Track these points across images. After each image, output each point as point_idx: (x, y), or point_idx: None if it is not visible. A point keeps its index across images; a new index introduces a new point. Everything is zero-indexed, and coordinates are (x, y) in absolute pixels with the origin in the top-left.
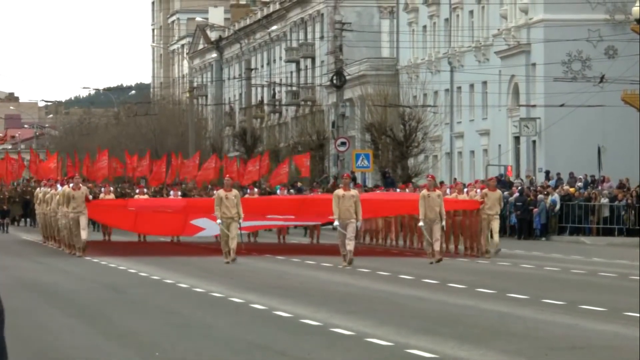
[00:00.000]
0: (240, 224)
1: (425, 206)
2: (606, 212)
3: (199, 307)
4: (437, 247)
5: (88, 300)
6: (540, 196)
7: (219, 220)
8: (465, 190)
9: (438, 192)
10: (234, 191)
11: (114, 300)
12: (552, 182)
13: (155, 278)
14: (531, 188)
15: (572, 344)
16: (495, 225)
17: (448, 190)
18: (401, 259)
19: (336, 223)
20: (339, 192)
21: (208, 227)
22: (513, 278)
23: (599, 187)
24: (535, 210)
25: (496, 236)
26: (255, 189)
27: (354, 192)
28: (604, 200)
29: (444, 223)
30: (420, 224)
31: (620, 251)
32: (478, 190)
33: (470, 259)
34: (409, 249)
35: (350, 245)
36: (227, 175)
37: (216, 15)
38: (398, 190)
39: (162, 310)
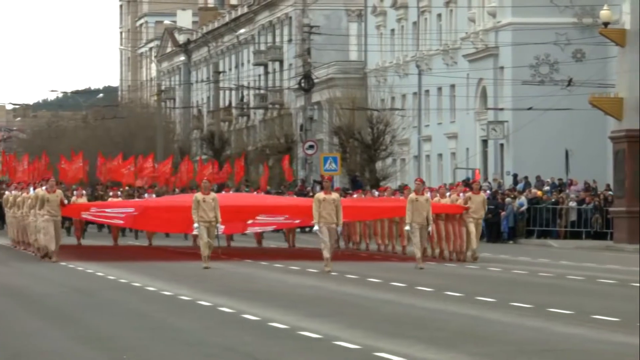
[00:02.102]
0: (218, 229)
1: (412, 210)
2: (574, 216)
3: (168, 310)
4: (418, 253)
5: (58, 303)
6: (507, 199)
7: (195, 224)
8: (448, 193)
9: (426, 196)
10: (212, 194)
11: (84, 303)
12: (519, 186)
13: (124, 281)
14: (499, 191)
15: (540, 346)
16: (479, 229)
17: (429, 194)
18: (370, 262)
19: (316, 227)
20: (320, 195)
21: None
22: (481, 281)
23: (567, 191)
24: (503, 213)
25: (474, 239)
26: (231, 191)
27: (335, 195)
28: (572, 204)
29: (430, 228)
30: (407, 227)
31: (587, 254)
32: (461, 194)
33: (456, 264)
34: (388, 253)
35: (327, 252)
36: (205, 178)
37: (184, 19)
38: (376, 193)
39: (131, 314)
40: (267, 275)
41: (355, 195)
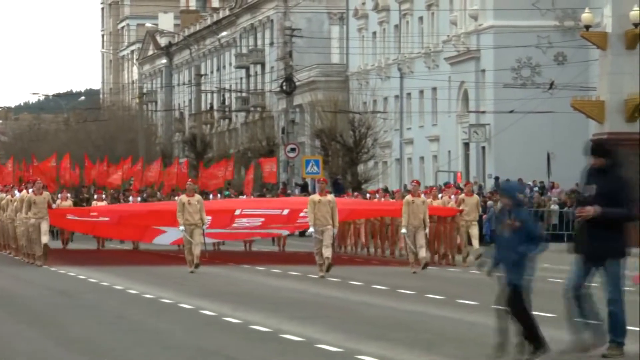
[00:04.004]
0: (204, 230)
1: (408, 212)
2: (555, 219)
3: (149, 313)
4: (422, 253)
5: (39, 306)
6: (489, 202)
7: (181, 227)
8: (440, 195)
9: (422, 198)
10: (197, 196)
11: (65, 306)
12: None
13: (105, 284)
14: (481, 194)
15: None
16: (475, 231)
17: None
18: (352, 266)
19: (311, 230)
20: (315, 197)
21: (169, 231)
22: (462, 284)
23: (548, 194)
24: (485, 216)
25: (476, 242)
26: (219, 195)
27: (330, 197)
28: (554, 207)
29: (427, 230)
30: (403, 230)
31: (569, 257)
32: (452, 196)
33: (446, 267)
34: (386, 258)
35: (327, 252)
36: (190, 180)
37: (166, 21)
38: (368, 195)
39: (112, 316)
40: (249, 278)
41: (345, 197)
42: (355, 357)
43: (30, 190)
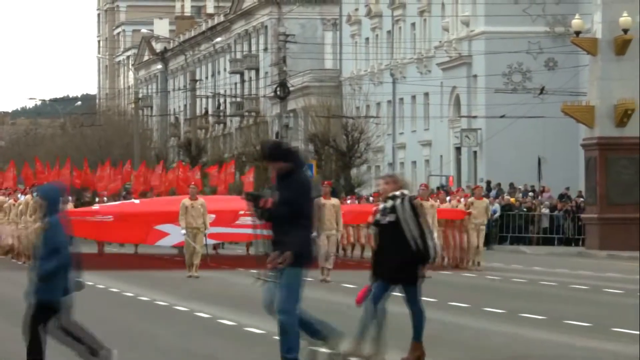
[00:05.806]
0: (205, 234)
1: None
2: (546, 223)
3: (144, 315)
4: None
5: None
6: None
7: (183, 231)
8: (448, 198)
9: (431, 202)
10: (200, 200)
11: None
12: (492, 192)
13: (101, 287)
14: None
15: (512, 352)
16: (482, 234)
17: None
18: (345, 270)
19: (314, 234)
20: (319, 201)
21: (172, 233)
22: (454, 287)
23: (539, 198)
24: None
25: (479, 249)
26: None
27: (334, 201)
28: (544, 210)
29: (435, 235)
30: None
31: (560, 260)
32: (462, 199)
33: (455, 271)
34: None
35: (329, 263)
36: (192, 183)
37: (161, 27)
38: (371, 198)
39: (106, 319)
40: (243, 281)
41: (348, 201)
42: (349, 359)
43: (35, 194)
